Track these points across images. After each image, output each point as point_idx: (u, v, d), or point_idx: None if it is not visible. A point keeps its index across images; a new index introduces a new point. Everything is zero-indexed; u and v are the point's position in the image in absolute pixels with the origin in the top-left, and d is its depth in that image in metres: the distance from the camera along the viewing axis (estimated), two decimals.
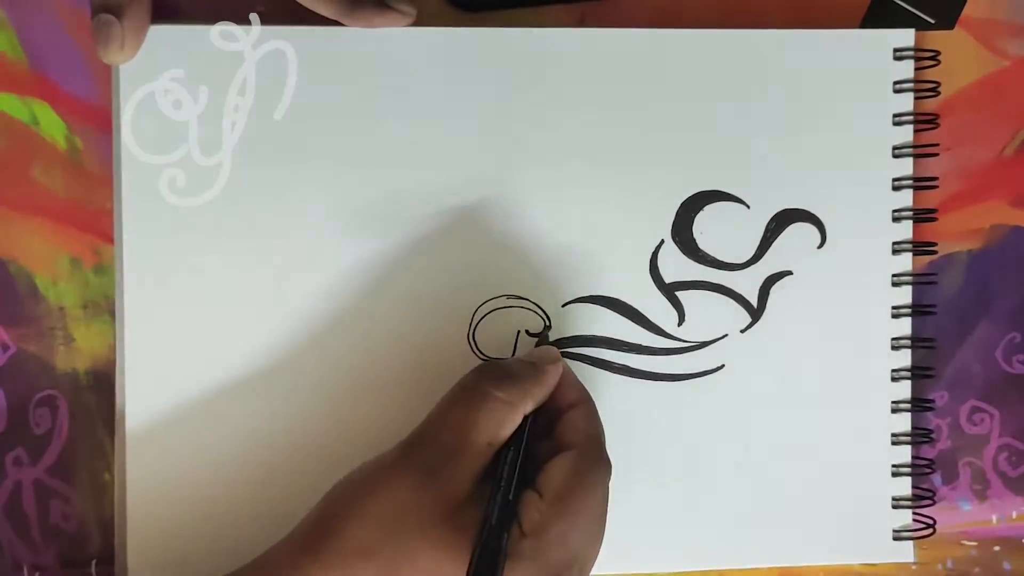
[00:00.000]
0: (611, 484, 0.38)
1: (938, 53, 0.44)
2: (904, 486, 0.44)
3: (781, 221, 0.43)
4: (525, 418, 0.37)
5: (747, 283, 0.43)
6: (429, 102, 0.42)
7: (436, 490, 0.35)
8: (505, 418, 0.36)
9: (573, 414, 0.38)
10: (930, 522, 0.44)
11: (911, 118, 0.44)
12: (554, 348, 0.41)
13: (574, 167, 0.42)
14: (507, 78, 0.42)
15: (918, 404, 0.44)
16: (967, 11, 0.45)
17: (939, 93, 0.44)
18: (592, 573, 0.42)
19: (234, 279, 0.41)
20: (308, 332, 0.41)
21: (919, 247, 0.44)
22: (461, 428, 0.36)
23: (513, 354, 0.42)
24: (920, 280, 0.44)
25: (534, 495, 0.36)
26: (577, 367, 0.42)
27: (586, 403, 0.39)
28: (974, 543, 0.46)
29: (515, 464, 0.36)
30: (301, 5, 0.39)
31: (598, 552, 0.38)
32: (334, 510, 0.36)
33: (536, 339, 0.42)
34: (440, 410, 0.37)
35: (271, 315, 0.41)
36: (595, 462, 0.37)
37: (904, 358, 0.44)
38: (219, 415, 0.41)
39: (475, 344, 0.42)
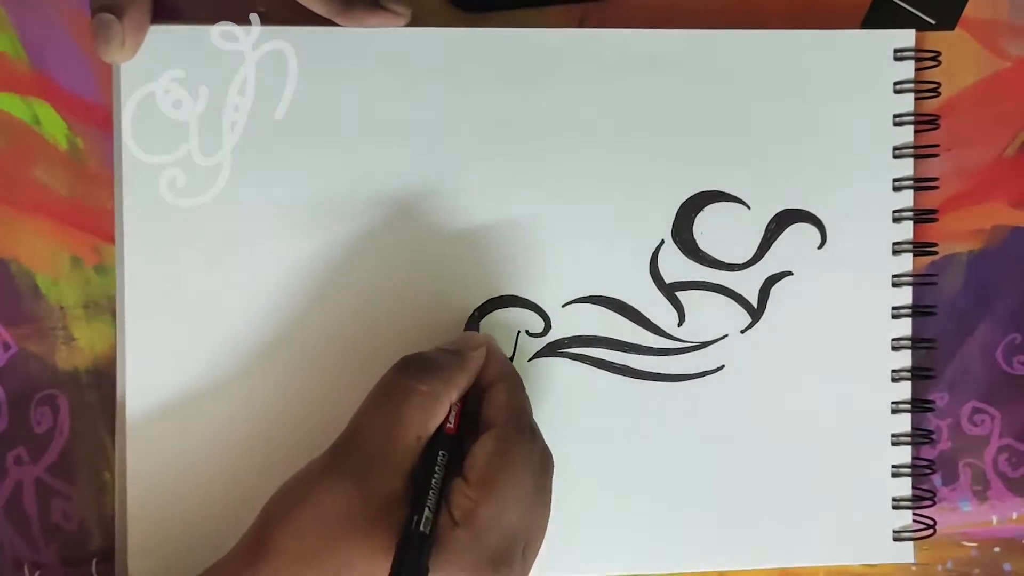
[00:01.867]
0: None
1: (939, 54, 0.44)
2: (904, 487, 0.44)
3: (781, 221, 0.43)
4: (452, 406, 0.37)
5: (747, 283, 0.43)
6: (429, 102, 0.42)
7: (366, 492, 0.34)
8: (432, 410, 0.36)
9: (493, 392, 0.38)
10: (930, 523, 0.44)
11: (912, 119, 0.44)
12: (478, 334, 0.40)
13: (574, 167, 0.42)
14: (507, 78, 0.42)
15: (918, 405, 0.44)
16: (968, 12, 0.45)
17: (940, 94, 0.44)
18: (590, 574, 0.42)
19: (234, 278, 0.41)
20: (307, 332, 0.41)
21: (919, 248, 0.44)
22: (388, 427, 0.35)
23: (512, 355, 0.42)
24: (920, 281, 0.44)
25: (461, 482, 0.35)
26: (577, 367, 0.43)
27: (507, 378, 0.38)
28: (974, 544, 0.46)
29: (436, 454, 0.35)
30: (301, 5, 0.39)
31: (544, 525, 0.37)
32: (268, 523, 0.35)
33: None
34: (365, 411, 0.37)
35: (271, 314, 0.41)
36: (517, 435, 0.36)
37: (904, 359, 0.44)
38: (219, 414, 0.41)
39: None
